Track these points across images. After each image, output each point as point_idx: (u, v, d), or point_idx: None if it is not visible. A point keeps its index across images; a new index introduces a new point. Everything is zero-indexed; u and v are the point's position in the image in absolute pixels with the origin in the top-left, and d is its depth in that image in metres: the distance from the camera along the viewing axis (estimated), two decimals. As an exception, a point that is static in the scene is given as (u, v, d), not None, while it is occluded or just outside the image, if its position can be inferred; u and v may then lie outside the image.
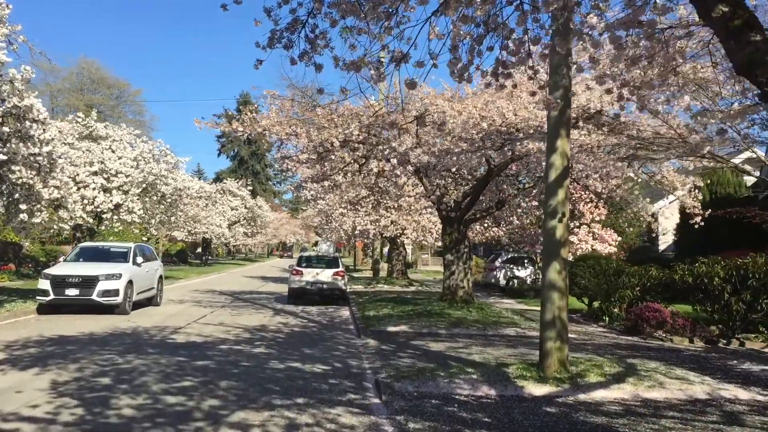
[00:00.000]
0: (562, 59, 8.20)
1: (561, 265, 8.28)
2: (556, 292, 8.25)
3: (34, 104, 13.54)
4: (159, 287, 18.82)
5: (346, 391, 8.07)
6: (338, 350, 11.43)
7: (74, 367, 9.07)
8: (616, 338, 13.14)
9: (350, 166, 16.78)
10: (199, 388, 8.00)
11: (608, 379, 8.12)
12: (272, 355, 10.65)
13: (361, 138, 13.99)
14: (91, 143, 23.76)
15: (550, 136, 8.36)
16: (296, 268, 21.04)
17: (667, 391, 7.75)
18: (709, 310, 13.18)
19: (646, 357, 10.45)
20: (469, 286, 17.34)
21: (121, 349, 10.73)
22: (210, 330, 13.54)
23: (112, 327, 13.50)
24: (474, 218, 17.85)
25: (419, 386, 7.90)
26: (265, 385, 8.26)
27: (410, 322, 14.12)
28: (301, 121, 14.41)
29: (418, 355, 10.54)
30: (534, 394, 7.59)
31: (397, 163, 13.32)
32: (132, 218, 23.62)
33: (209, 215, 46.14)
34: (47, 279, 15.49)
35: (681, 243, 24.12)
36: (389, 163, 13.82)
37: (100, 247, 18.40)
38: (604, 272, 15.07)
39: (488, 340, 12.34)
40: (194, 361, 9.76)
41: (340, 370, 9.51)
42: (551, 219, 8.28)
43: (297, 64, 6.34)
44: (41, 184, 14.69)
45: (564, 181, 8.31)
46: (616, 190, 16.08)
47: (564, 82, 8.18)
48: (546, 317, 8.31)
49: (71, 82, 59.56)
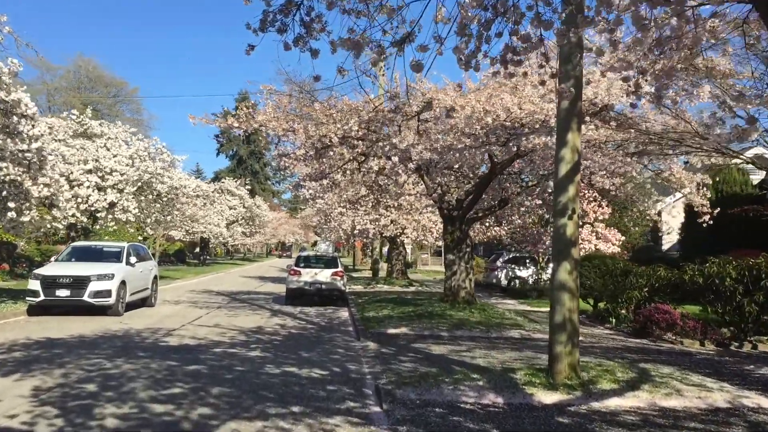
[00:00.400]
0: (573, 47, 7.78)
1: (572, 265, 7.84)
2: (566, 294, 7.81)
3: (22, 98, 13.08)
4: (154, 288, 18.39)
5: (345, 399, 7.63)
6: (337, 353, 11.00)
7: (59, 373, 8.63)
8: (625, 341, 12.70)
9: (349, 164, 16.35)
10: (189, 395, 7.56)
11: (622, 386, 7.68)
12: (268, 359, 10.21)
13: (361, 134, 13.55)
14: (85, 141, 23.30)
15: (560, 128, 7.93)
16: (294, 268, 20.61)
17: (685, 399, 7.31)
18: (720, 312, 12.75)
19: (658, 361, 10.02)
20: (471, 286, 16.90)
21: (111, 353, 10.29)
22: (204, 332, 13.10)
23: (103, 329, 13.06)
24: (476, 217, 17.42)
25: (422, 393, 7.46)
26: (260, 391, 7.83)
27: (411, 324, 13.69)
28: (299, 116, 13.97)
29: (419, 358, 10.12)
30: (544, 402, 7.15)
31: (398, 161, 12.87)
32: (127, 217, 23.15)
33: (207, 215, 45.67)
34: (37, 279, 15.05)
35: (686, 242, 23.68)
36: (390, 161, 13.37)
37: (93, 246, 17.95)
38: (610, 272, 14.63)
39: (492, 343, 11.91)
40: (186, 366, 9.32)
41: (339, 375, 9.07)
42: (561, 216, 7.84)
43: (291, 49, 5.91)
44: (30, 181, 14.22)
45: (575, 177, 7.87)
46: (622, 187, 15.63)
47: (575, 72, 7.74)
48: (556, 320, 7.87)
49: (68, 80, 59.09)
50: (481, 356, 10.31)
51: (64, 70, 58.73)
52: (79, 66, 59.35)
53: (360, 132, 13.32)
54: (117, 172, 22.81)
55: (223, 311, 17.50)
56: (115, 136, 24.23)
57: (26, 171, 14.01)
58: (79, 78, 59.64)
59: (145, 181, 23.58)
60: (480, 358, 10.07)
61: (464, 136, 11.78)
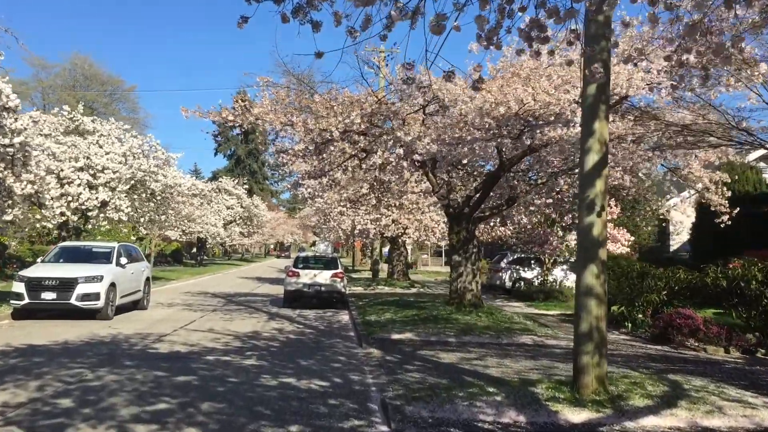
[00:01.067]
0: (600, 27, 7.04)
1: (599, 268, 7.09)
2: (593, 300, 7.06)
3: (3, 89, 12.30)
4: (146, 290, 17.61)
5: (349, 415, 6.88)
6: (338, 362, 10.24)
7: (35, 385, 7.87)
8: (644, 347, 11.95)
9: (350, 161, 15.60)
10: (176, 412, 6.81)
11: (656, 402, 6.93)
12: (264, 368, 9.45)
13: (363, 128, 12.79)
14: (76, 138, 22.49)
15: (586, 117, 7.18)
16: (292, 270, 19.83)
17: (729, 418, 6.55)
18: (745, 317, 12.01)
19: (686, 371, 9.26)
20: (478, 289, 16.15)
21: (95, 362, 9.53)
22: (197, 337, 12.34)
23: (90, 334, 12.30)
24: (483, 216, 16.66)
25: (434, 410, 6.70)
26: (254, 407, 7.07)
27: (416, 329, 12.94)
28: (298, 109, 13.20)
29: (428, 368, 9.38)
30: (572, 421, 6.39)
31: (402, 154, 12.10)
32: (119, 216, 22.36)
33: (204, 214, 44.85)
34: (22, 282, 14.28)
35: (697, 243, 22.90)
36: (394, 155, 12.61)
37: (82, 247, 17.14)
38: (625, 274, 13.86)
39: (504, 350, 11.17)
40: (175, 377, 8.56)
41: (341, 386, 8.31)
42: (588, 214, 7.09)
43: (289, 21, 5.15)
44: (13, 178, 13.42)
45: (603, 170, 7.12)
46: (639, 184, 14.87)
47: (602, 56, 6.99)
48: (582, 328, 7.12)
49: (63, 78, 58.26)
50: (493, 365, 9.59)
51: (60, 68, 57.99)
52: (75, 64, 58.53)
53: (362, 126, 12.56)
54: (109, 170, 22.02)
55: (219, 314, 16.74)
56: (107, 132, 23.42)
57: (8, 167, 13.22)
58: (74, 76, 58.80)
59: (139, 179, 22.80)
60: (493, 368, 9.34)
61: (474, 127, 11.01)
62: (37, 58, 58.61)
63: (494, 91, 10.80)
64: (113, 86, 60.64)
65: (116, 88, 60.95)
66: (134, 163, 22.61)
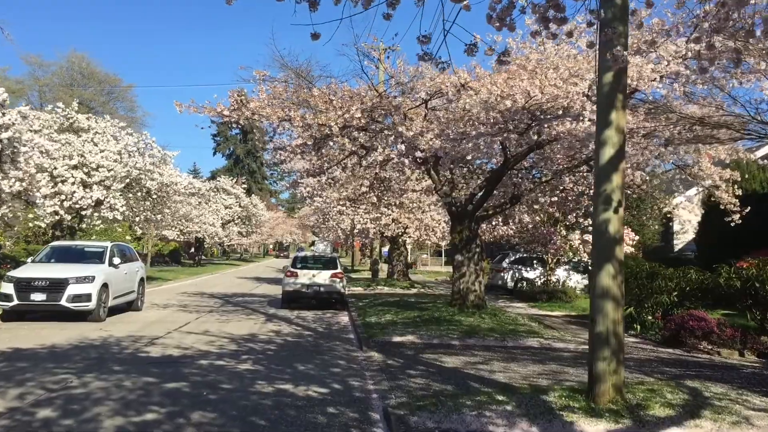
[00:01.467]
0: (618, 10, 6.59)
1: (616, 268, 6.64)
2: (610, 302, 6.61)
3: (-11, 83, 11.85)
4: (140, 290, 17.15)
5: (350, 426, 6.43)
6: (337, 366, 9.79)
7: (16, 393, 7.41)
8: (656, 351, 11.50)
9: (349, 158, 15.14)
10: (164, 422, 6.36)
11: (678, 412, 6.47)
12: (260, 373, 9.00)
13: (363, 123, 12.33)
14: (71, 135, 22.03)
15: (602, 107, 6.73)
16: (291, 270, 19.34)
17: (759, 429, 6.10)
18: (760, 319, 11.57)
19: (704, 377, 8.82)
20: (482, 289, 15.70)
21: (82, 367, 9.08)
22: (191, 340, 11.88)
23: (80, 337, 11.85)
24: (486, 215, 16.21)
25: (441, 420, 6.24)
26: (248, 417, 6.62)
27: (417, 331, 12.49)
28: (296, 104, 12.75)
29: (431, 372, 8.95)
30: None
31: (404, 150, 11.65)
32: (114, 216, 21.89)
33: (202, 214, 44.37)
34: (11, 282, 13.82)
35: (702, 242, 22.42)
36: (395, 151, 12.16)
37: (73, 246, 16.67)
38: (634, 275, 13.40)
39: (509, 353, 10.74)
40: (165, 383, 8.10)
41: (341, 393, 7.86)
42: (604, 210, 6.64)
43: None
44: (0, 175, 12.96)
45: (619, 164, 6.67)
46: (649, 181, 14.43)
47: (621, 41, 6.54)
48: (597, 332, 6.67)
49: (60, 76, 57.68)
50: (500, 370, 9.16)
51: (57, 66, 57.40)
52: (72, 62, 57.93)
53: (362, 120, 12.11)
54: (104, 168, 21.58)
55: (215, 316, 16.29)
56: (102, 130, 22.95)
57: (-5, 164, 12.79)
58: (71, 74, 58.22)
59: (134, 177, 22.34)
60: (499, 373, 8.91)
61: (479, 122, 10.56)
62: (34, 56, 58.29)
63: (500, 84, 10.35)
64: (111, 84, 60.10)
65: (114, 86, 60.42)
66: (129, 161, 22.16)
